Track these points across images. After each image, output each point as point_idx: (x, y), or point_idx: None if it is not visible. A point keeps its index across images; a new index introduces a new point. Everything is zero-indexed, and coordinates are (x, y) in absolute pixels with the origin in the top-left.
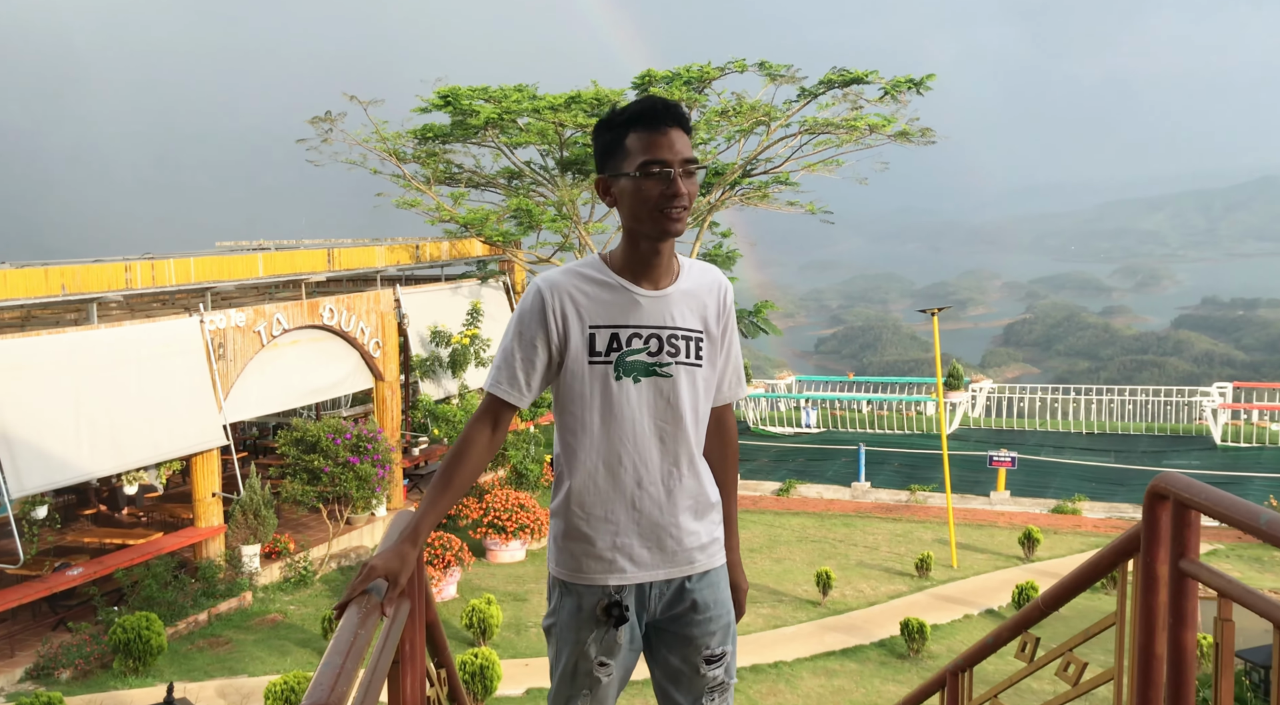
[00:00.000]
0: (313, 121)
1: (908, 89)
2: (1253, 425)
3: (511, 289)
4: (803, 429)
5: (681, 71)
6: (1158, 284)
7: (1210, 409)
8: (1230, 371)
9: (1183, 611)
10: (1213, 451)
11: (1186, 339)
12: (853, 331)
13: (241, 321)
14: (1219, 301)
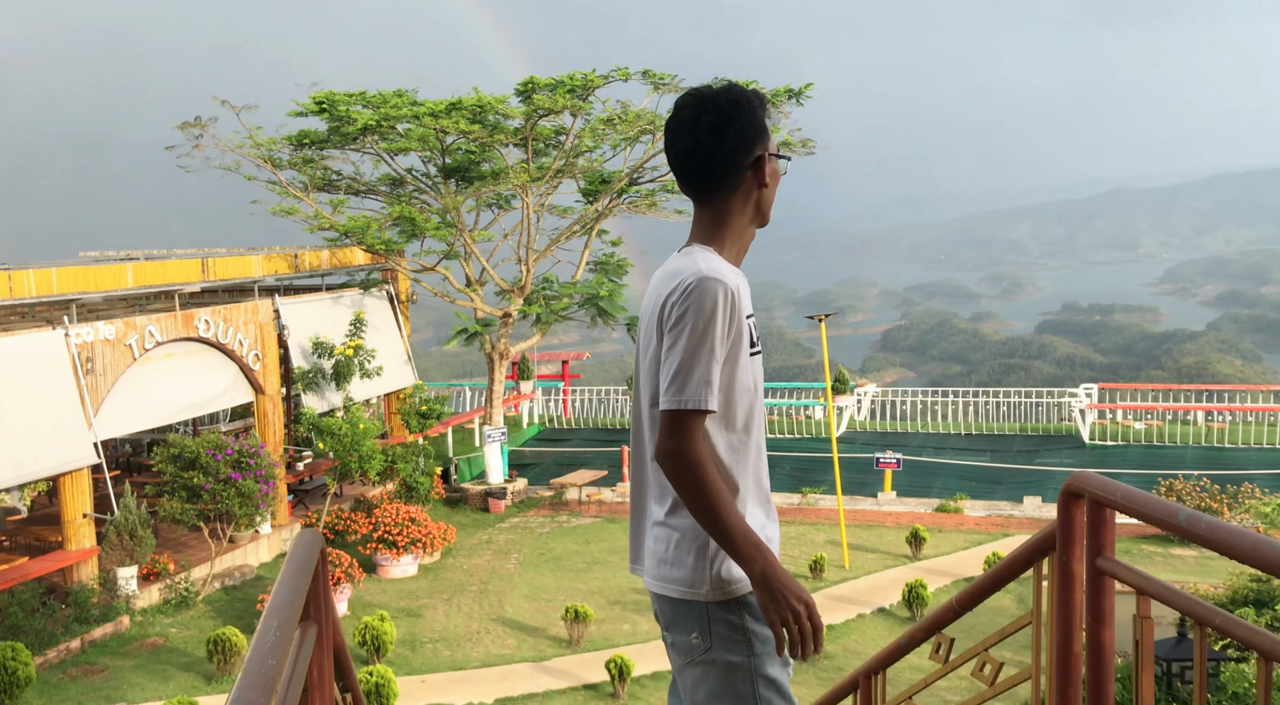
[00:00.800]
0: (182, 127)
1: (787, 99)
2: (1117, 424)
3: (395, 298)
4: None
5: (565, 79)
6: (1022, 291)
7: (1078, 409)
8: (1091, 373)
9: (1100, 609)
10: (1082, 449)
11: (1050, 343)
12: None
13: (111, 334)
14: (1078, 307)
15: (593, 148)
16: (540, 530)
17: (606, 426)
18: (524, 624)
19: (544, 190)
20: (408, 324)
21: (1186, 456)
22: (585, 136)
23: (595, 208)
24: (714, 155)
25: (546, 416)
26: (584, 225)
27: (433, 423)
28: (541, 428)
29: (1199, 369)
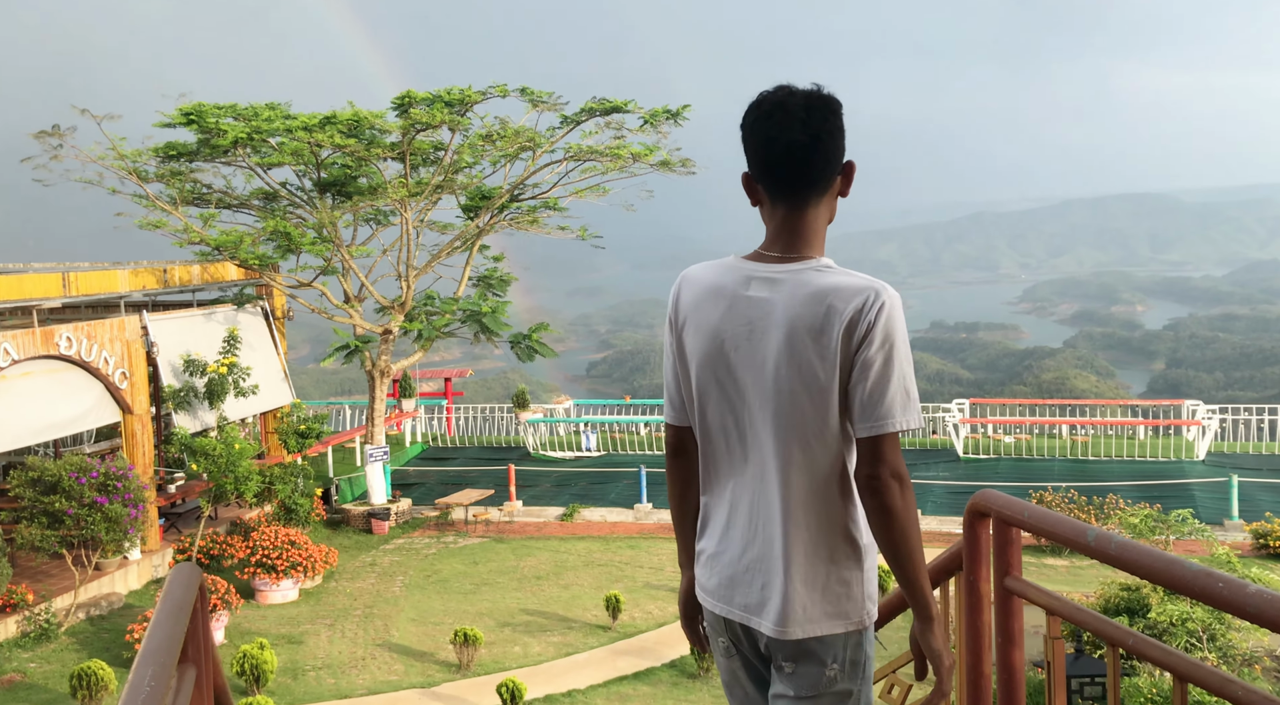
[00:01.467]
0: (38, 136)
1: (666, 119)
2: (988, 438)
3: (270, 314)
4: (583, 452)
5: (443, 94)
6: None
7: (952, 424)
8: (959, 388)
9: (1010, 630)
10: (957, 463)
11: (920, 360)
12: (622, 355)
13: None
14: (945, 325)
15: (472, 163)
16: (426, 551)
17: (491, 445)
18: (411, 649)
19: (423, 206)
20: (284, 341)
21: (1054, 469)
22: (464, 152)
23: (476, 224)
24: (832, 152)
25: (429, 435)
26: (465, 241)
27: (312, 442)
28: (425, 446)
29: (1058, 384)
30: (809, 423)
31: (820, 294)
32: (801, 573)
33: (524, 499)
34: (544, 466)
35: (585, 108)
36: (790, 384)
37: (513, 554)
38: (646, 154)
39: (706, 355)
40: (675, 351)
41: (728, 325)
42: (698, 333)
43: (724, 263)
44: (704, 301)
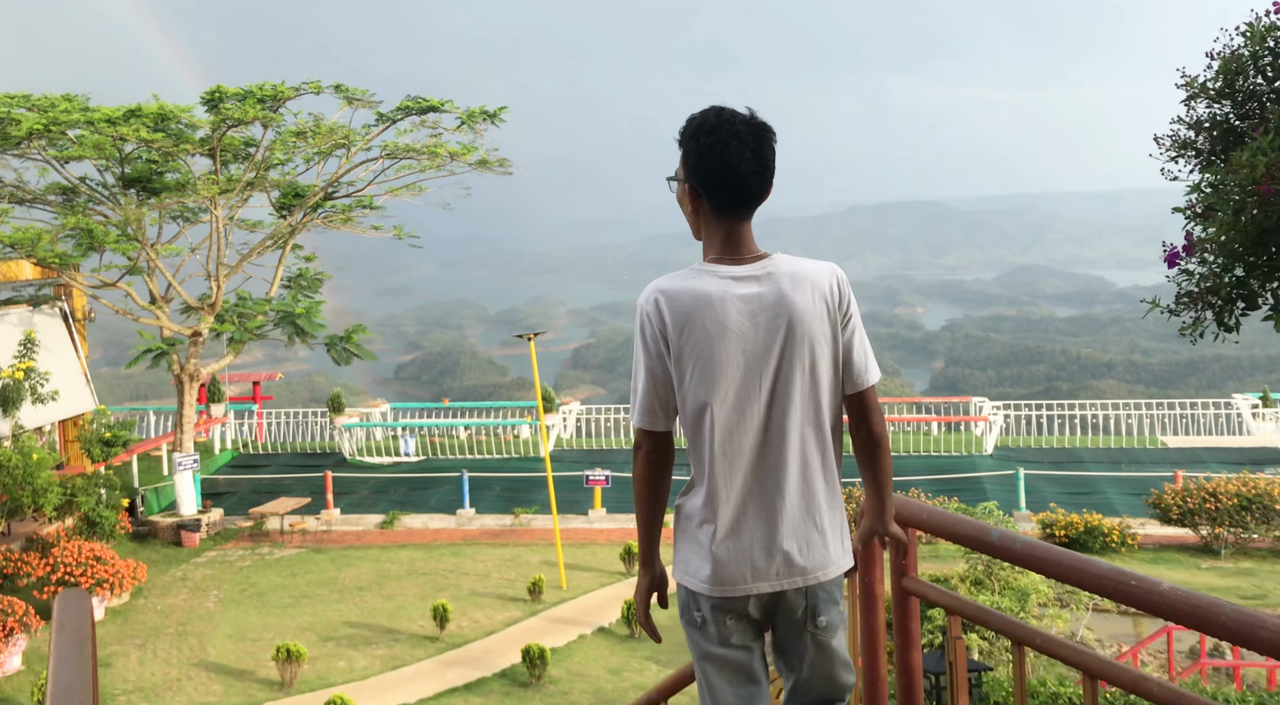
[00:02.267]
0: None
1: (483, 120)
2: None
3: (70, 315)
4: (401, 458)
5: (255, 89)
6: None
7: None
8: None
9: (908, 631)
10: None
11: None
12: (432, 357)
13: None
14: None
15: (285, 160)
16: (240, 564)
17: (306, 451)
18: (230, 667)
19: (234, 203)
20: (85, 343)
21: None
22: (277, 149)
23: (289, 222)
24: (772, 175)
25: (240, 441)
26: (277, 240)
27: (118, 451)
28: (235, 454)
29: None
30: (825, 390)
31: (802, 278)
32: (827, 523)
33: (342, 507)
34: (361, 473)
35: (401, 106)
36: (809, 360)
37: (332, 564)
38: (465, 153)
39: (717, 353)
40: (668, 359)
41: (734, 323)
42: (704, 335)
43: (692, 271)
44: (699, 307)
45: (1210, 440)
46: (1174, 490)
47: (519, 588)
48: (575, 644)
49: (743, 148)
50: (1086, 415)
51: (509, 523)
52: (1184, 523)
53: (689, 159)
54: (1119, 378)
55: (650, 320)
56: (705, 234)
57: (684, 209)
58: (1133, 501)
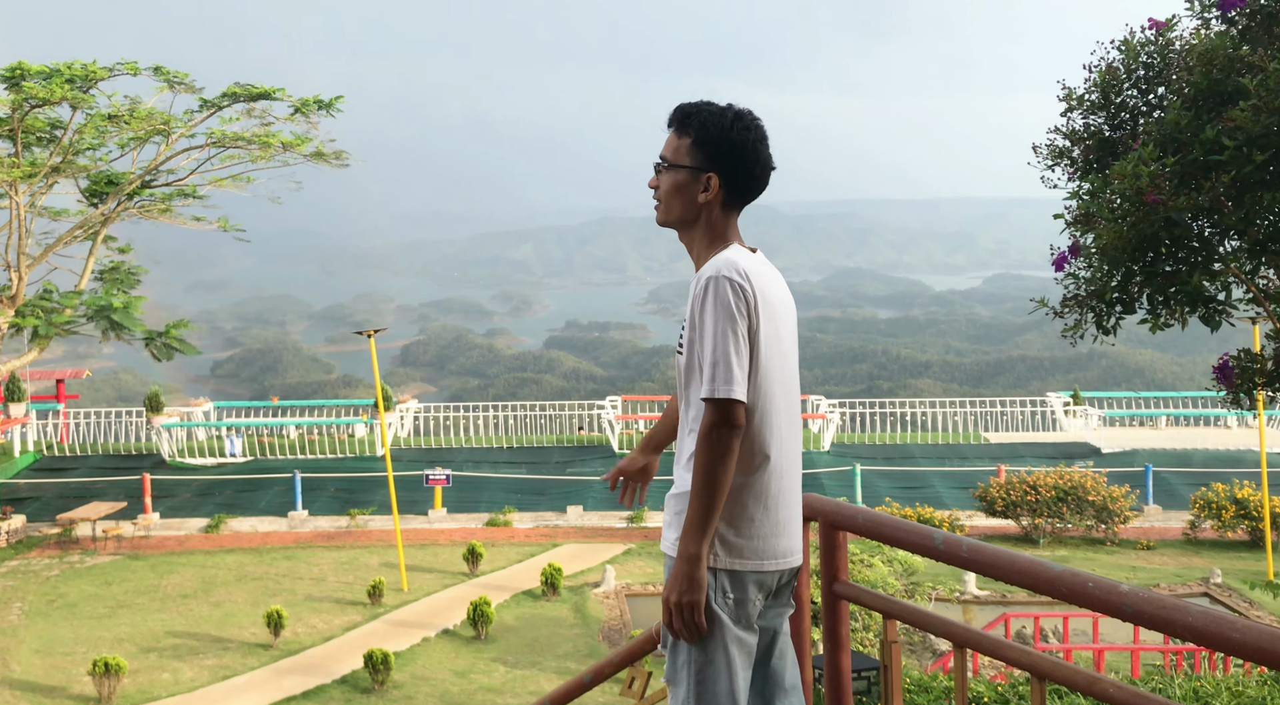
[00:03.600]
0: None
1: (317, 109)
2: (641, 433)
3: None
4: (227, 459)
5: (63, 68)
6: (530, 308)
7: (608, 420)
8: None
9: (837, 635)
10: (613, 458)
11: (557, 357)
12: (251, 354)
13: None
14: (580, 324)
15: (97, 145)
16: (47, 573)
17: (119, 453)
18: (38, 684)
19: (37, 189)
20: None
21: None
22: (87, 133)
23: (101, 211)
24: None
25: (43, 443)
26: (87, 230)
27: None
28: (38, 456)
29: None
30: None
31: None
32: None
33: (161, 511)
34: (183, 475)
35: (228, 92)
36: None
37: (152, 572)
38: (299, 144)
39: (784, 334)
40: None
41: (788, 308)
42: (774, 315)
43: (743, 252)
44: (770, 289)
45: (1027, 436)
46: (998, 484)
47: (358, 591)
48: (419, 647)
49: (768, 145)
50: (915, 412)
51: (345, 524)
52: (1007, 514)
53: (722, 149)
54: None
55: (742, 292)
56: (711, 223)
57: (679, 195)
58: (960, 494)
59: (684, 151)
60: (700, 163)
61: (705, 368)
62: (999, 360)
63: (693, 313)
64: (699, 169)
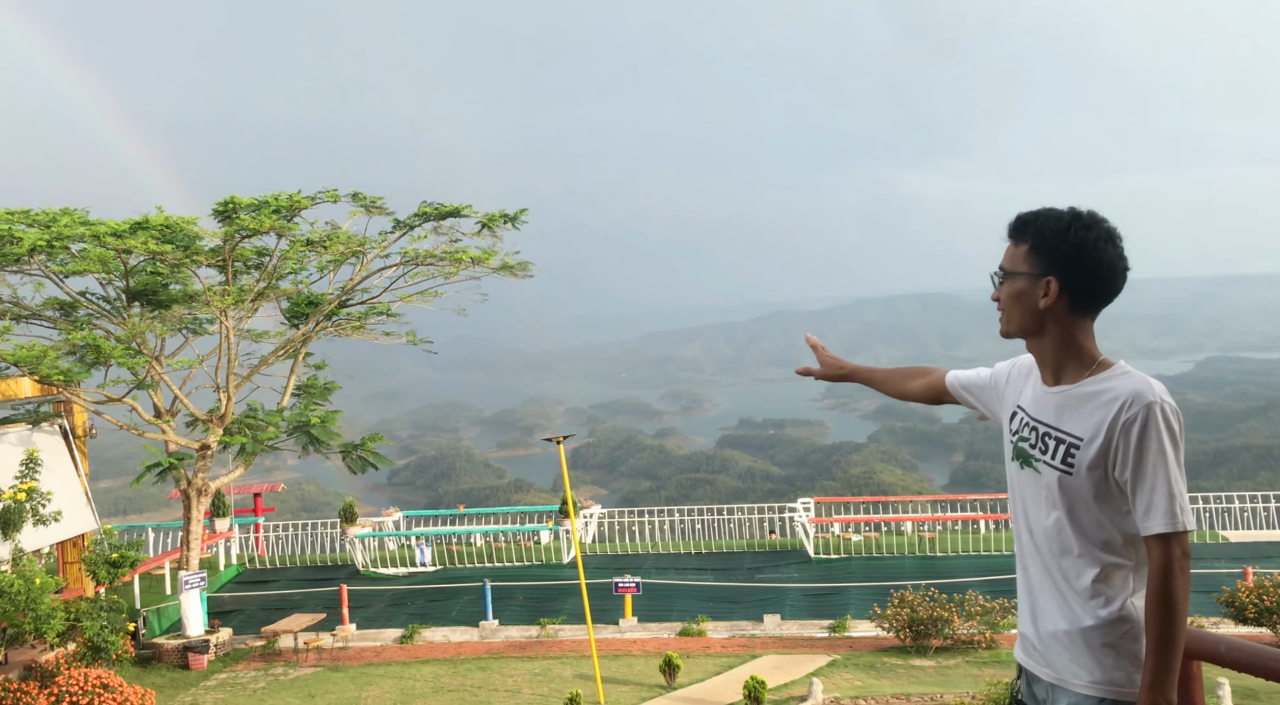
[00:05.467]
0: None
1: (503, 223)
2: (838, 537)
3: (70, 432)
4: (418, 568)
5: (270, 200)
6: (700, 407)
7: (800, 524)
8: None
9: None
10: (809, 564)
11: (731, 457)
12: (426, 461)
13: None
14: (754, 421)
15: (297, 270)
16: (254, 686)
17: (315, 564)
18: None
19: (244, 313)
20: (85, 461)
21: (905, 567)
22: (290, 257)
23: (302, 332)
24: None
25: (245, 556)
26: (288, 350)
27: (125, 571)
28: (241, 569)
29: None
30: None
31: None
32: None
33: (358, 621)
34: (376, 585)
35: (419, 211)
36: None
37: (352, 683)
38: (487, 258)
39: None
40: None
41: None
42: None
43: (1130, 368)
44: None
45: (1273, 534)
46: (1246, 587)
47: (555, 703)
48: None
49: (1117, 244)
50: None
51: (536, 634)
52: (1261, 621)
53: (1060, 251)
54: None
55: (1179, 418)
56: (1064, 332)
57: (1019, 302)
58: (1202, 600)
59: (1021, 258)
60: (1037, 268)
61: (1160, 500)
62: (1219, 450)
63: (1115, 436)
64: (1036, 274)
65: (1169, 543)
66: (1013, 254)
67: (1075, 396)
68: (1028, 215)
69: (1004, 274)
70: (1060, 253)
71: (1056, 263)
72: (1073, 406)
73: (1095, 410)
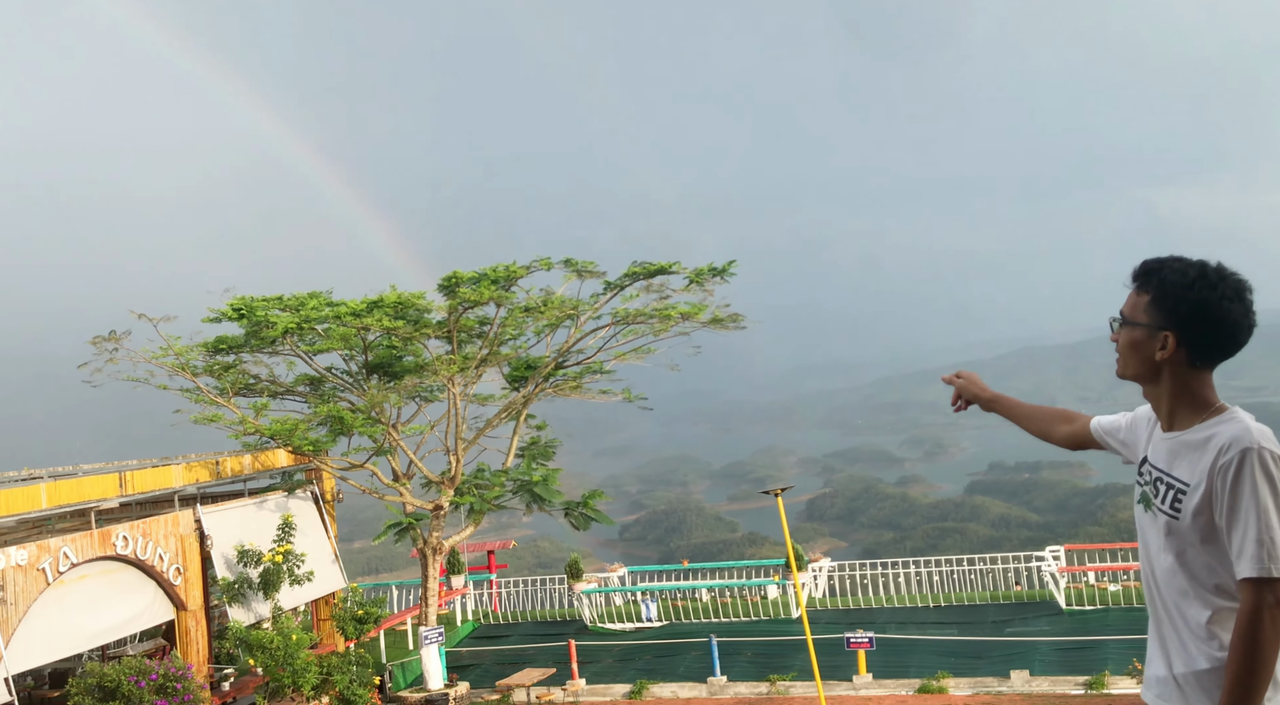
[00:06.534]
0: (95, 341)
1: (712, 277)
2: (1092, 587)
3: (320, 497)
4: (644, 623)
5: (488, 271)
6: (945, 452)
7: (1050, 573)
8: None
9: None
10: (1060, 616)
11: (981, 504)
12: (656, 516)
13: (23, 559)
14: (1005, 465)
15: (516, 336)
16: None
17: (544, 619)
18: None
19: (469, 380)
20: (334, 524)
21: None
22: (508, 325)
23: (523, 394)
24: None
25: (480, 612)
26: (510, 412)
27: (369, 627)
28: (476, 625)
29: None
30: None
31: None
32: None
33: (587, 676)
34: (603, 640)
35: (629, 272)
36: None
37: None
38: (696, 313)
39: None
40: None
41: None
42: None
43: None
44: None
45: None
46: None
47: None
48: None
49: (1245, 300)
50: None
51: (765, 690)
52: None
53: (1181, 309)
54: None
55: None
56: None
57: (1135, 351)
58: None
59: (1141, 309)
60: (1156, 321)
61: (1250, 544)
62: None
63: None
64: (1155, 327)
65: (1259, 588)
66: (1134, 302)
67: (1184, 443)
68: (1153, 264)
69: (1123, 320)
70: (1181, 309)
71: (1176, 318)
72: (1183, 452)
73: (1201, 456)
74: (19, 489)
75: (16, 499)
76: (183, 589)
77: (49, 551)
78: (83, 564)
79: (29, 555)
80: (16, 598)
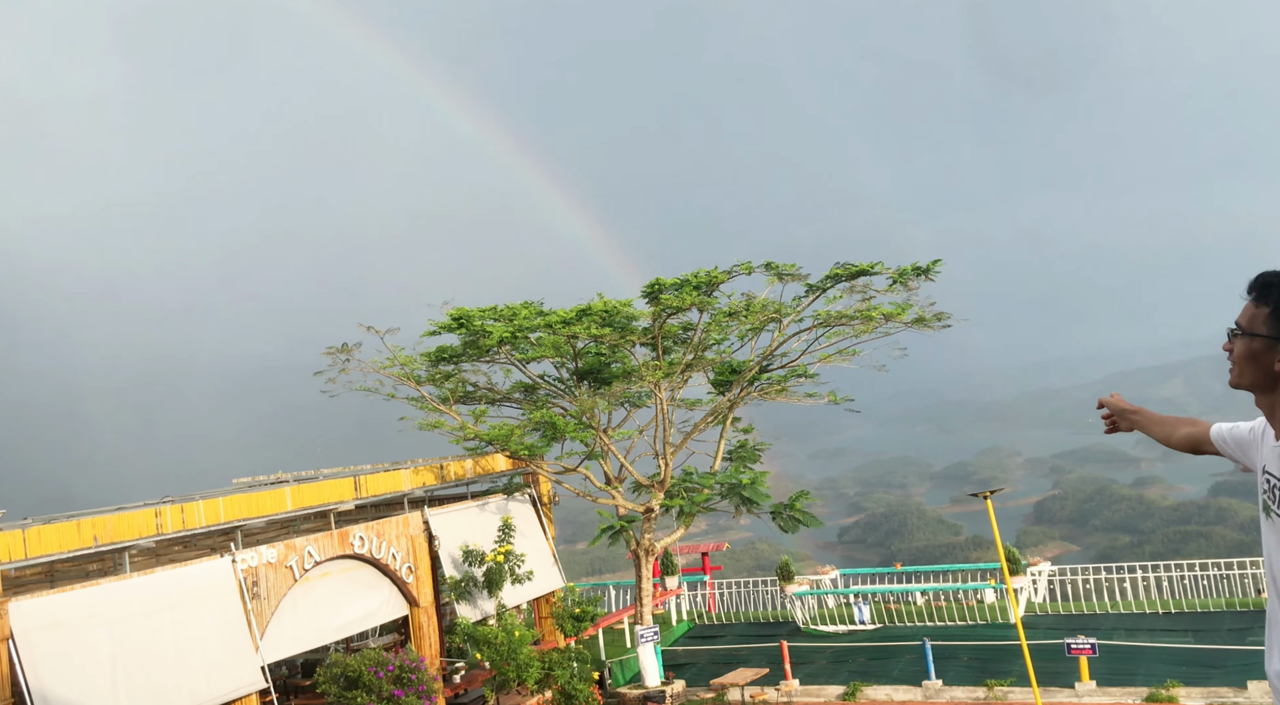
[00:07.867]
0: (329, 352)
1: (915, 276)
2: None
3: (537, 500)
4: (857, 626)
5: (690, 278)
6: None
7: None
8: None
9: None
10: None
11: (1228, 506)
12: (875, 519)
13: (273, 557)
14: None
15: (720, 340)
16: None
17: (758, 620)
18: None
19: (675, 385)
20: (551, 526)
21: None
22: (712, 330)
23: (728, 397)
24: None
25: (694, 612)
26: (717, 416)
27: (586, 625)
28: (691, 625)
29: None
30: None
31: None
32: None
33: (800, 677)
34: (816, 642)
35: (830, 274)
36: None
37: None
38: (899, 313)
39: None
40: None
41: None
42: None
43: None
44: None
45: None
46: None
47: None
48: None
49: None
50: None
51: (982, 695)
52: None
53: None
54: None
55: None
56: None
57: (1252, 362)
58: None
59: (1260, 321)
60: (1276, 332)
61: None
62: None
63: None
64: (1275, 338)
65: None
66: (1252, 313)
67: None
68: (1272, 277)
69: (1241, 331)
70: None
71: None
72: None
73: None
74: (268, 492)
75: (266, 501)
76: (415, 586)
77: (295, 550)
78: (325, 562)
79: (278, 554)
80: (269, 593)
